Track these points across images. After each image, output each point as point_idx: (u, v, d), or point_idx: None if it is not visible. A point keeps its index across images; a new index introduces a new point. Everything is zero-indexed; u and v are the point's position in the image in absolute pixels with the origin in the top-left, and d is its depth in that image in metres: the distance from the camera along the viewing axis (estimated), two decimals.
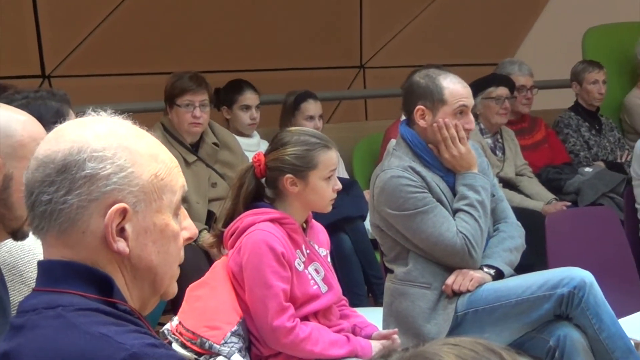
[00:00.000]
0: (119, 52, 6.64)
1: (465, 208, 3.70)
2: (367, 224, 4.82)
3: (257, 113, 5.59)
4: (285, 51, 7.26)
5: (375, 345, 3.40)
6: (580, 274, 3.59)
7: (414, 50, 7.69)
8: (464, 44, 7.93)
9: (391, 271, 3.81)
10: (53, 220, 1.59)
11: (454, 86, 3.75)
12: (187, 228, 1.70)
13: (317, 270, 3.40)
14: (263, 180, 3.43)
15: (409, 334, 3.65)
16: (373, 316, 3.71)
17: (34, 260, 2.50)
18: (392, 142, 3.89)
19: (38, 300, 1.60)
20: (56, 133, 1.64)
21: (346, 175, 5.78)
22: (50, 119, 2.59)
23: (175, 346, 3.25)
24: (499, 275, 3.73)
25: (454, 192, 3.77)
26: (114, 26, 6.50)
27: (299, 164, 3.34)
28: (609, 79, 6.53)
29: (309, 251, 3.40)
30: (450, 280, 3.69)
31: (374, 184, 3.78)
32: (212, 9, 6.77)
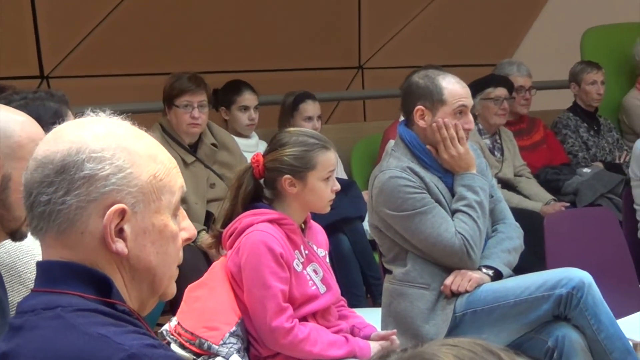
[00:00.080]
0: (117, 52, 6.63)
1: (464, 209, 3.70)
2: (366, 224, 4.81)
3: (255, 114, 5.59)
4: (283, 52, 7.26)
5: (374, 346, 3.40)
6: (579, 275, 3.59)
7: (412, 51, 7.68)
8: (463, 44, 7.93)
9: (390, 272, 3.81)
10: (52, 221, 1.59)
11: (453, 86, 3.75)
12: (186, 229, 1.70)
13: (315, 271, 3.40)
14: (262, 181, 3.42)
15: (407, 334, 3.65)
16: (372, 317, 3.71)
17: (33, 260, 2.50)
18: (391, 142, 3.89)
19: (37, 301, 1.60)
20: (55, 134, 1.64)
21: (345, 176, 5.78)
22: (49, 119, 2.59)
23: (174, 347, 3.25)
24: (497, 276, 3.73)
25: (452, 193, 3.77)
26: (112, 27, 6.50)
27: (297, 164, 3.34)
28: (607, 79, 6.53)
29: (307, 252, 3.39)
30: (448, 281, 3.68)
31: (372, 185, 3.78)
32: (210, 10, 6.77)
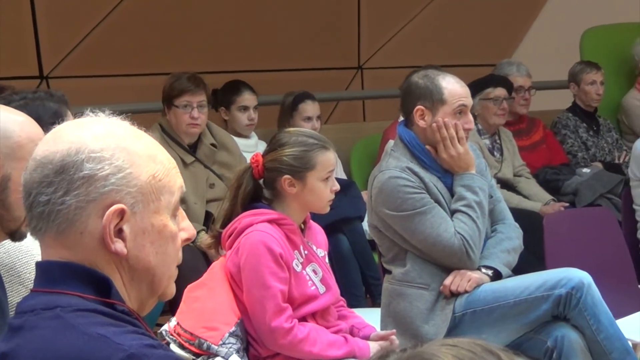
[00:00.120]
0: (116, 53, 6.63)
1: (463, 209, 3.70)
2: (365, 224, 4.81)
3: (255, 114, 5.59)
4: (283, 52, 7.26)
5: (373, 346, 3.40)
6: (578, 275, 3.59)
7: (412, 51, 7.69)
8: (462, 44, 7.93)
9: (389, 272, 3.81)
10: (51, 221, 1.59)
11: (453, 86, 3.75)
12: (185, 229, 1.70)
13: (315, 271, 3.40)
14: (261, 181, 3.42)
15: (406, 334, 3.65)
16: (371, 317, 3.71)
17: (32, 261, 2.50)
18: (390, 143, 3.89)
19: (36, 301, 1.60)
20: (54, 134, 1.64)
21: (344, 176, 5.78)
22: (49, 119, 2.59)
23: (173, 347, 3.25)
24: (496, 276, 3.72)
25: (451, 193, 3.76)
26: (111, 27, 6.50)
27: (296, 164, 3.34)
28: (606, 79, 6.53)
29: (307, 252, 3.39)
30: (448, 281, 3.68)
31: (371, 185, 3.78)
32: (210, 10, 6.77)
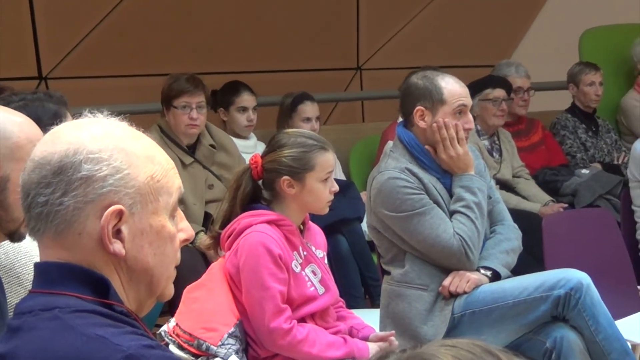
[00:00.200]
0: (115, 53, 6.63)
1: (462, 210, 3.70)
2: (364, 225, 4.81)
3: (254, 115, 5.59)
4: (282, 53, 7.26)
5: (372, 347, 3.40)
6: (577, 276, 3.59)
7: (410, 52, 7.69)
8: (461, 45, 7.93)
9: (388, 273, 3.81)
10: (49, 222, 1.59)
11: (452, 86, 3.75)
12: (183, 230, 1.70)
13: (314, 272, 3.40)
14: (260, 182, 3.42)
15: (405, 335, 3.65)
16: (370, 318, 3.71)
17: (31, 262, 2.50)
18: (389, 143, 3.89)
19: (34, 302, 1.60)
20: (52, 135, 1.64)
21: (343, 177, 5.78)
22: (48, 120, 2.59)
23: (172, 348, 3.25)
24: (495, 277, 3.72)
25: (450, 194, 3.76)
26: (110, 28, 6.50)
27: (295, 165, 3.34)
28: (605, 80, 6.53)
29: (306, 253, 3.39)
30: (447, 282, 3.68)
31: (370, 186, 3.78)
32: (209, 11, 6.77)
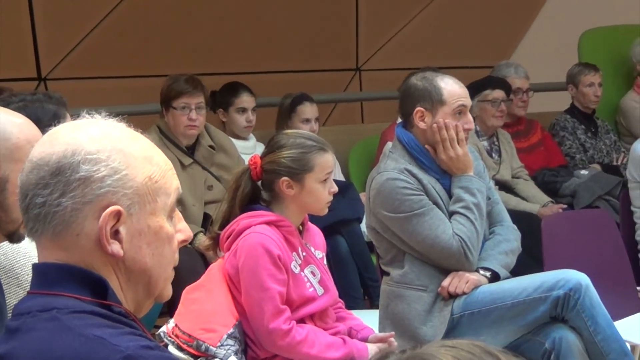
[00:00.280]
0: (115, 54, 6.63)
1: (462, 210, 3.70)
2: (363, 226, 4.81)
3: (253, 116, 5.59)
4: (281, 54, 7.26)
5: (372, 348, 3.40)
6: (576, 276, 3.59)
7: (409, 53, 7.69)
8: (460, 46, 7.94)
9: (387, 274, 3.81)
10: (47, 223, 1.59)
11: (452, 87, 3.76)
12: (181, 230, 1.70)
13: (313, 273, 3.40)
14: (259, 183, 3.42)
15: (405, 336, 3.65)
16: (369, 319, 3.71)
17: (30, 263, 2.49)
18: (389, 144, 3.89)
19: (33, 303, 1.60)
20: (50, 136, 1.64)
21: (342, 178, 5.78)
22: (48, 121, 2.58)
23: (172, 349, 3.24)
24: (494, 277, 3.72)
25: (449, 195, 3.77)
26: (109, 29, 6.50)
27: (295, 166, 3.34)
28: (604, 81, 6.53)
29: (305, 254, 3.39)
30: (446, 283, 3.68)
31: (370, 187, 3.78)
32: (208, 12, 6.77)
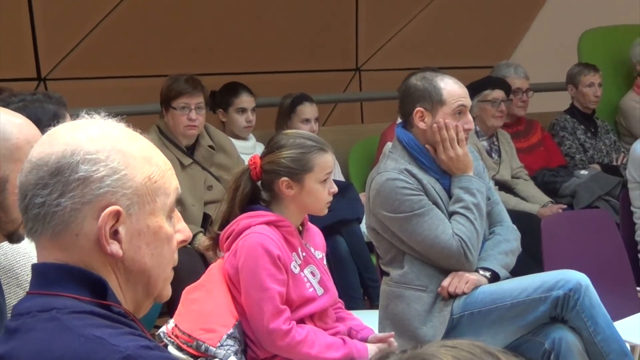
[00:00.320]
0: (114, 54, 6.63)
1: (461, 211, 3.70)
2: (363, 226, 4.81)
3: (253, 116, 5.59)
4: (281, 54, 7.26)
5: (371, 349, 3.40)
6: (576, 277, 3.59)
7: (409, 53, 7.69)
8: (460, 46, 7.94)
9: (387, 274, 3.81)
10: (46, 223, 1.59)
11: (451, 87, 3.76)
12: (180, 231, 1.70)
13: (313, 273, 3.40)
14: (259, 183, 3.42)
15: (404, 336, 3.65)
16: (369, 319, 3.71)
17: (30, 263, 2.50)
18: (388, 144, 3.89)
19: (32, 303, 1.60)
20: (50, 136, 1.64)
21: (342, 178, 5.78)
22: (48, 121, 2.58)
23: (171, 349, 3.24)
24: (494, 277, 3.73)
25: (449, 195, 3.77)
26: (109, 29, 6.50)
27: (294, 166, 3.34)
28: (604, 81, 6.53)
29: (305, 254, 3.39)
30: (446, 283, 3.68)
31: (369, 187, 3.78)
32: (208, 12, 6.77)
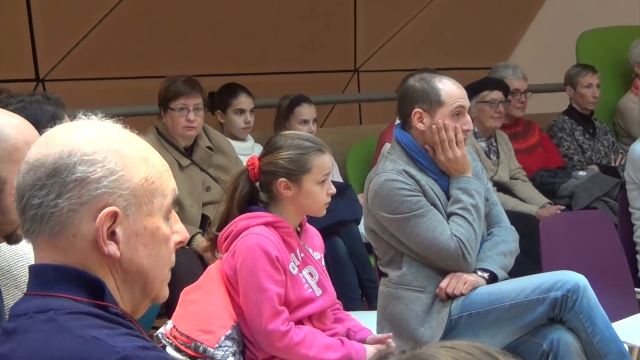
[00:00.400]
0: (113, 55, 6.63)
1: (460, 212, 3.70)
2: (362, 227, 4.82)
3: (251, 117, 5.58)
4: (279, 55, 7.26)
5: (370, 349, 3.40)
6: (574, 278, 3.59)
7: (408, 54, 7.69)
8: (458, 47, 7.94)
9: (385, 275, 3.81)
10: (44, 224, 1.59)
11: (450, 87, 3.76)
12: (178, 232, 1.70)
13: (311, 274, 3.40)
14: (257, 184, 3.42)
15: (403, 337, 3.65)
16: (367, 320, 3.71)
17: (28, 264, 2.50)
18: (387, 145, 3.89)
19: (30, 305, 1.60)
20: (47, 137, 1.64)
21: (340, 179, 5.78)
22: (46, 122, 2.58)
23: (170, 350, 3.24)
24: (492, 279, 3.73)
25: (448, 196, 3.77)
26: (107, 30, 6.50)
27: (292, 167, 3.34)
28: (602, 82, 6.53)
29: (303, 255, 3.39)
30: (444, 284, 3.68)
31: (368, 188, 3.78)
32: (206, 13, 6.77)
